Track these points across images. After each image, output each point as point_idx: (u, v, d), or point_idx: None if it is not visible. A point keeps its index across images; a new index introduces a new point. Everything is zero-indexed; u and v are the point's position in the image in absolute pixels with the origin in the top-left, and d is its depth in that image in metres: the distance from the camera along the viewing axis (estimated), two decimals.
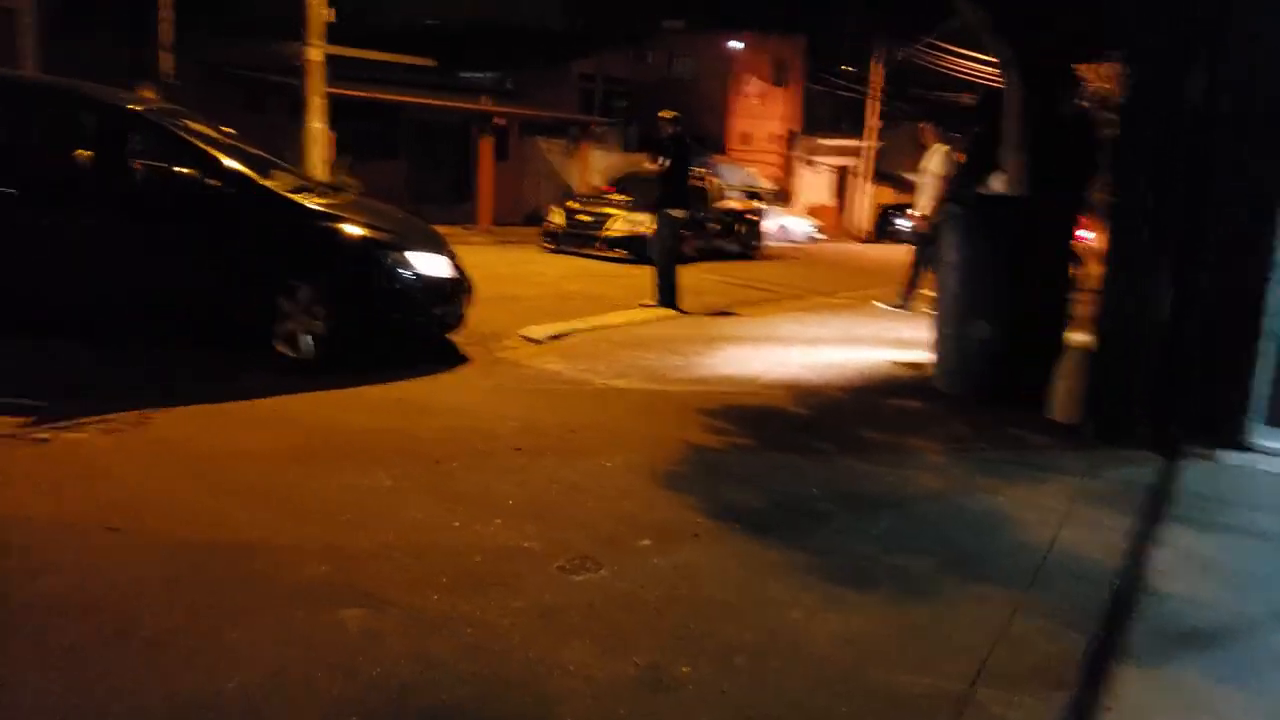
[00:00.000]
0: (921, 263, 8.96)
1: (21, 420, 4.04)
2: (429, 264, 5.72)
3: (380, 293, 5.52)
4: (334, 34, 13.89)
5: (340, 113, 15.46)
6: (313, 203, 5.68)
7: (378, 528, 3.18)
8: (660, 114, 8.93)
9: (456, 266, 6.05)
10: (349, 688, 2.25)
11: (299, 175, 6.14)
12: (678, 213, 8.71)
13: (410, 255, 5.64)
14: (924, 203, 8.96)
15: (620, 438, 4.45)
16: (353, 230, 5.57)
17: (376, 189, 14.87)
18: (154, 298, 5.48)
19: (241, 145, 6.01)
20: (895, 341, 7.64)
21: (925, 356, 6.33)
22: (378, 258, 5.53)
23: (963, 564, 3.22)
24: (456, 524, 3.25)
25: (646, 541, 3.24)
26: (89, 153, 5.37)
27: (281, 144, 14.03)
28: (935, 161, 8.86)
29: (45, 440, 3.81)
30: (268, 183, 5.61)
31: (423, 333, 5.88)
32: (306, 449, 3.97)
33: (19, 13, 14.07)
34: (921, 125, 9.30)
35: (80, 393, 4.52)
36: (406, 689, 2.27)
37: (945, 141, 8.98)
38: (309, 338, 5.35)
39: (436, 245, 6.06)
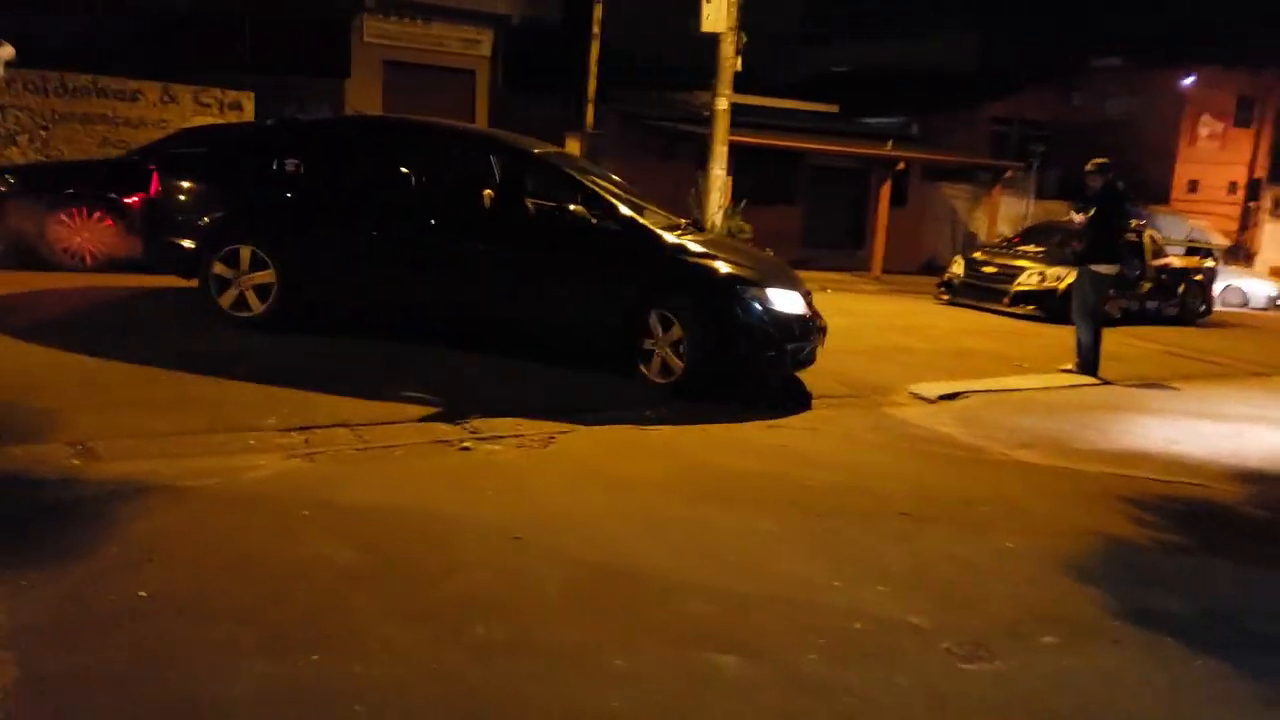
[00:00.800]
0: None
1: (434, 418, 4.60)
2: (785, 300, 5.88)
3: (739, 325, 5.72)
4: (740, 83, 14.57)
5: (742, 159, 16.17)
6: (685, 239, 6.05)
7: (759, 575, 3.13)
8: (1088, 164, 8.06)
9: (810, 305, 6.14)
10: None
11: (668, 216, 6.61)
12: (1104, 269, 7.76)
13: (769, 291, 5.82)
14: None
15: (1023, 517, 3.98)
16: (716, 265, 5.85)
17: (771, 234, 15.29)
18: (538, 319, 6.09)
19: (623, 188, 6.56)
20: None
21: None
22: (738, 292, 5.75)
23: None
24: (838, 584, 3.09)
25: (1052, 639, 2.82)
26: (491, 191, 6.12)
27: (685, 188, 15.03)
28: None
29: (468, 449, 4.28)
30: (644, 220, 6.04)
31: (777, 366, 6.01)
32: (694, 484, 4.06)
33: (477, 73, 16.80)
34: None
35: (484, 404, 5.00)
36: None
37: None
38: (675, 364, 5.66)
39: (792, 283, 6.22)
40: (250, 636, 2.45)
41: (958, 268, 13.93)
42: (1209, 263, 15.80)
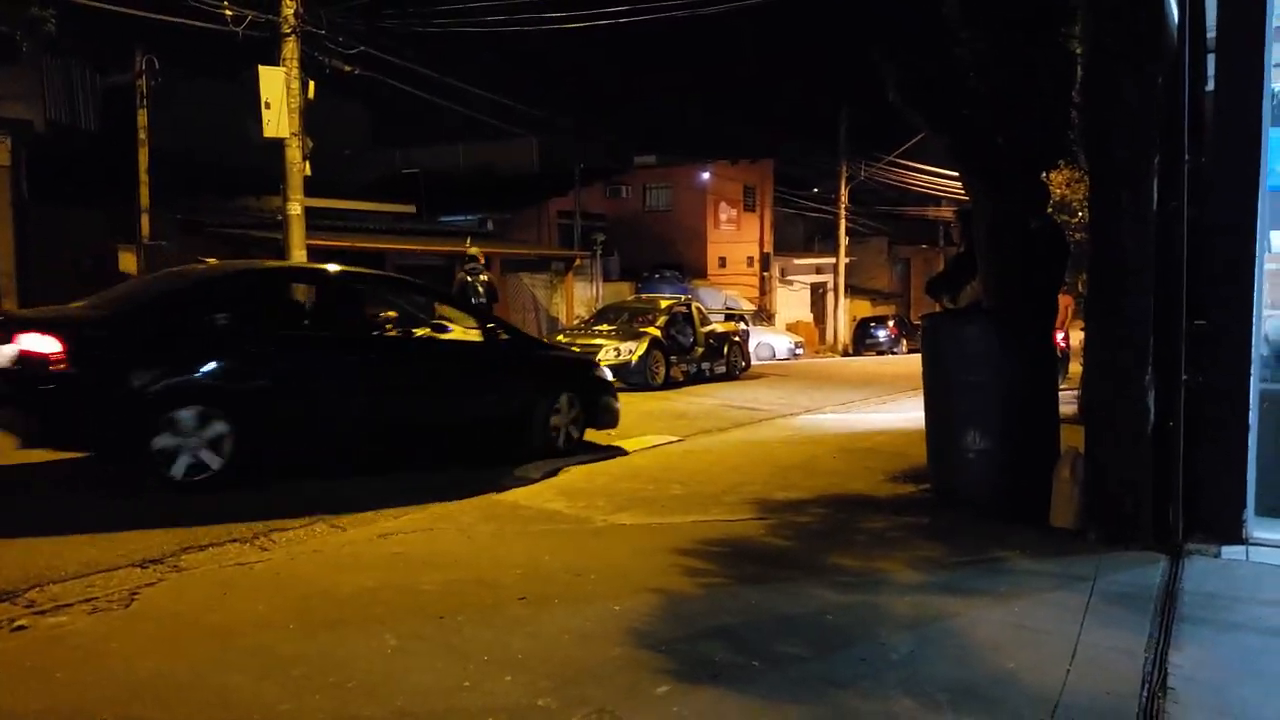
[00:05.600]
0: None
1: None
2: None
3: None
4: (314, 187, 14.33)
5: (327, 262, 15.80)
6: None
7: (386, 693, 3.08)
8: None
9: None
10: None
11: None
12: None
13: None
14: None
15: (627, 579, 4.37)
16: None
17: None
18: None
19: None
20: (894, 455, 7.66)
21: (923, 471, 6.33)
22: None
23: (973, 695, 3.12)
24: (467, 684, 3.15)
25: (664, 688, 3.14)
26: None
27: None
28: None
29: (24, 628, 3.65)
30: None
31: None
32: (308, 614, 3.86)
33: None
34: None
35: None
36: None
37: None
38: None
39: None
40: None
41: None
42: (743, 325, 18.73)
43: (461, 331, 7.48)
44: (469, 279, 12.78)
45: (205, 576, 4.38)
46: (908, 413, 10.56)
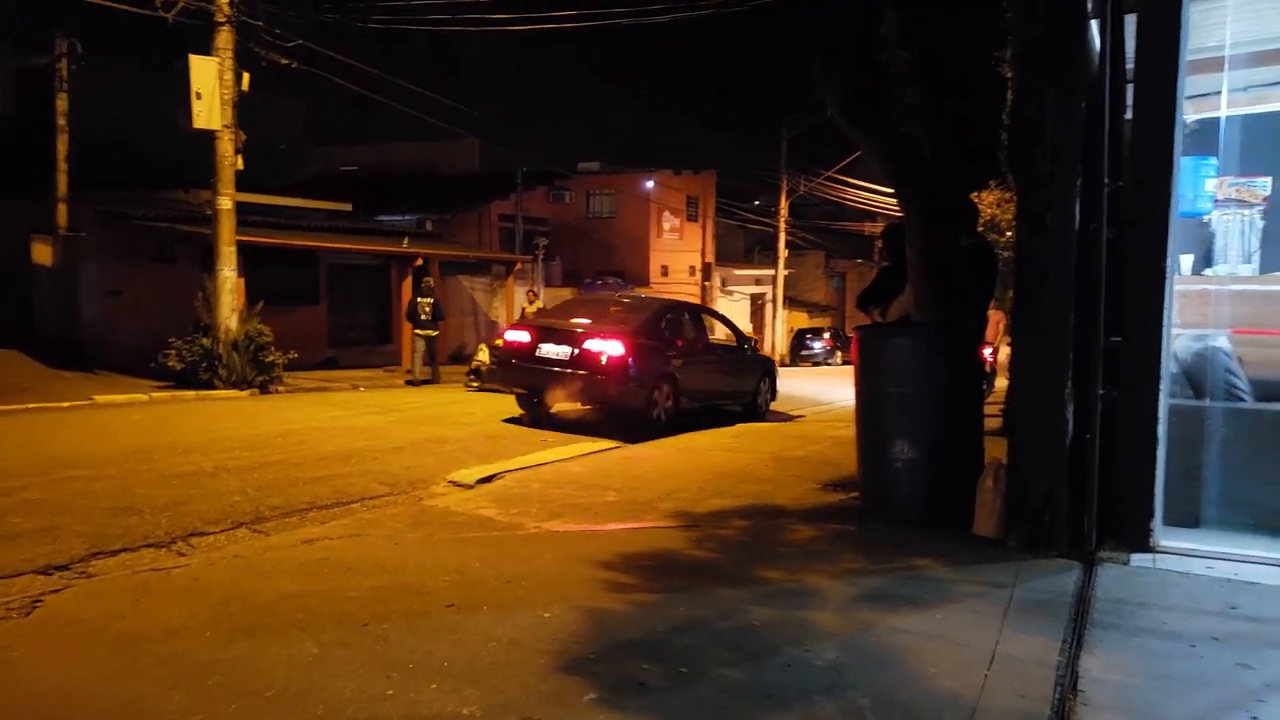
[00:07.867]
0: None
1: None
2: None
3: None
4: (247, 182, 13.98)
5: (258, 259, 15.41)
6: None
7: (306, 703, 3.00)
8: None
9: None
10: None
11: None
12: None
13: None
14: None
15: (558, 586, 4.35)
16: None
17: (294, 336, 14.76)
18: None
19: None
20: (825, 464, 7.77)
21: (854, 479, 6.44)
22: None
23: (894, 701, 3.18)
24: (390, 692, 3.09)
25: (591, 696, 3.13)
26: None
27: (189, 292, 13.87)
28: None
29: None
30: None
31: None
32: (226, 621, 3.75)
33: None
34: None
35: None
36: None
37: None
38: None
39: None
40: None
41: (484, 355, 14.76)
42: None
43: (726, 337, 13.09)
44: (418, 299, 15.66)
45: (116, 583, 4.23)
46: (839, 421, 10.73)
